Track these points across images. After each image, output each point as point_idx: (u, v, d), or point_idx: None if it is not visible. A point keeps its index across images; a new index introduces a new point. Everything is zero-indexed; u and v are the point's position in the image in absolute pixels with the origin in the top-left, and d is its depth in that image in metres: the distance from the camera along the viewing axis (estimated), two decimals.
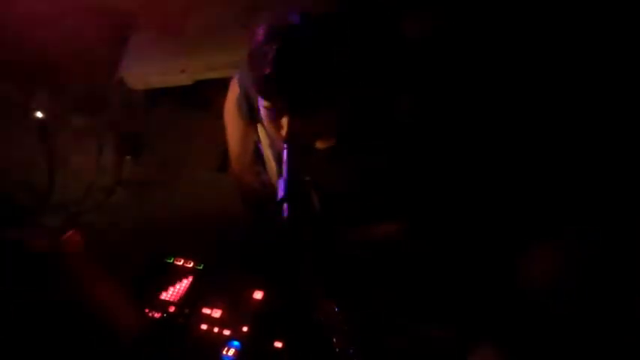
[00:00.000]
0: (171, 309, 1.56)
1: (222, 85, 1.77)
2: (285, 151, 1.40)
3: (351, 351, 1.35)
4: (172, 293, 1.60)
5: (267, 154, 1.73)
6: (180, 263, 1.66)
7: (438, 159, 1.57)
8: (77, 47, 2.64)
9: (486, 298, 1.88)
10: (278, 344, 1.45)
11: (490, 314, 1.71)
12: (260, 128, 1.69)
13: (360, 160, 1.55)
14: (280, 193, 1.33)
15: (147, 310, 1.56)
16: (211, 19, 2.69)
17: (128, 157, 2.68)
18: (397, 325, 1.46)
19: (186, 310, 1.55)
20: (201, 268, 1.65)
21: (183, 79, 2.64)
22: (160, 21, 2.72)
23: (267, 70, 1.26)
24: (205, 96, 2.66)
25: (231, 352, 1.46)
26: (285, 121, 1.34)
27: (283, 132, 1.36)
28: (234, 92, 1.72)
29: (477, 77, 2.26)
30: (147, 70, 2.66)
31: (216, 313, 1.54)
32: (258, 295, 1.56)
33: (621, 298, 1.73)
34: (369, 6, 1.75)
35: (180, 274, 1.63)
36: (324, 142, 1.56)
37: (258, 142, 1.78)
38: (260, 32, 1.29)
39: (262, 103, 1.37)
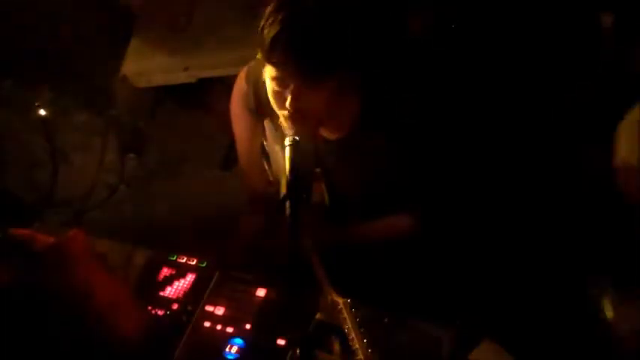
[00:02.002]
0: (175, 306, 1.56)
1: (225, 83, 1.77)
2: (287, 148, 1.40)
3: (368, 347, 1.35)
4: (175, 291, 1.60)
5: (274, 149, 1.73)
6: (184, 261, 1.66)
7: (441, 157, 1.58)
8: (80, 45, 2.65)
9: (487, 298, 1.88)
10: (281, 342, 1.45)
11: (490, 314, 1.71)
12: (267, 123, 1.69)
13: (365, 155, 1.55)
14: (283, 191, 1.34)
15: (150, 308, 1.56)
16: (214, 17, 2.70)
17: (131, 155, 2.69)
18: (398, 322, 1.47)
19: (190, 308, 1.55)
20: (204, 265, 1.65)
21: (186, 77, 2.64)
22: (163, 19, 2.73)
23: (276, 31, 1.29)
24: (208, 94, 2.67)
25: (234, 349, 1.46)
26: (290, 91, 1.35)
27: (288, 104, 1.36)
28: (240, 88, 1.73)
29: (481, 76, 2.26)
30: (150, 68, 2.66)
31: (220, 311, 1.54)
32: (261, 292, 1.56)
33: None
34: (372, 6, 1.75)
35: (183, 271, 1.63)
36: (332, 133, 1.56)
37: (264, 138, 1.79)
38: (270, 5, 1.34)
39: (269, 74, 1.38)
